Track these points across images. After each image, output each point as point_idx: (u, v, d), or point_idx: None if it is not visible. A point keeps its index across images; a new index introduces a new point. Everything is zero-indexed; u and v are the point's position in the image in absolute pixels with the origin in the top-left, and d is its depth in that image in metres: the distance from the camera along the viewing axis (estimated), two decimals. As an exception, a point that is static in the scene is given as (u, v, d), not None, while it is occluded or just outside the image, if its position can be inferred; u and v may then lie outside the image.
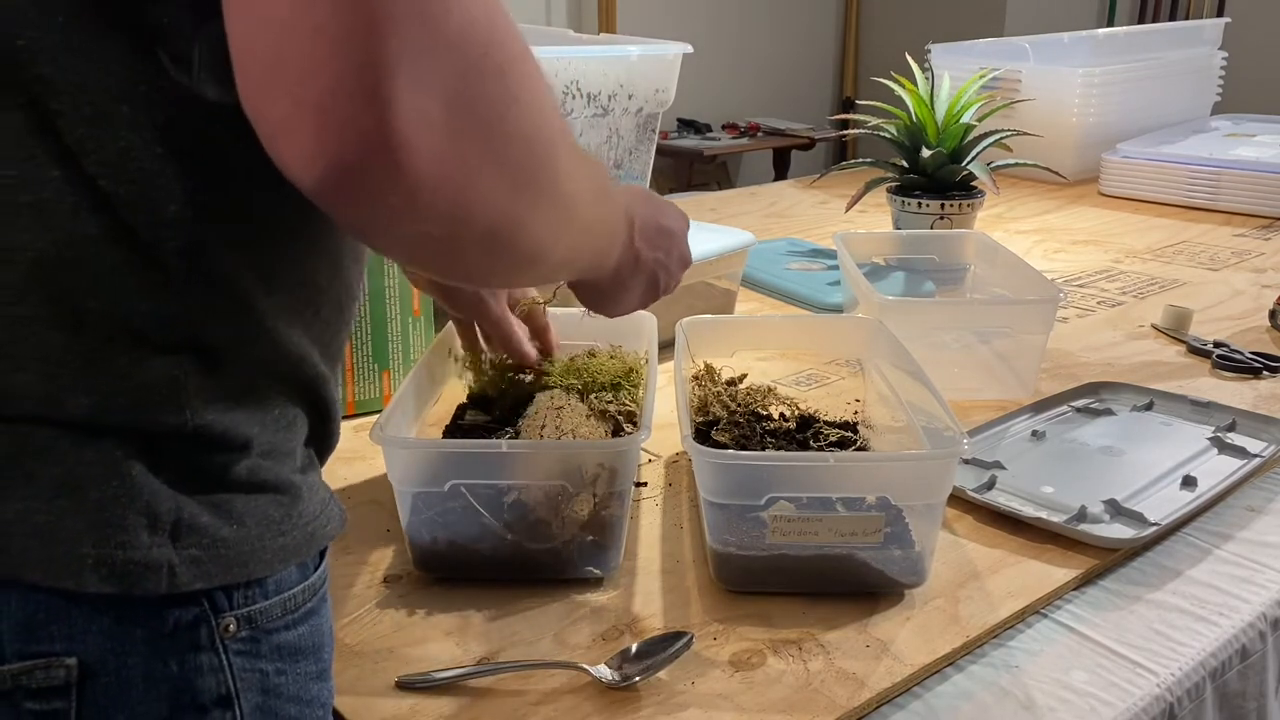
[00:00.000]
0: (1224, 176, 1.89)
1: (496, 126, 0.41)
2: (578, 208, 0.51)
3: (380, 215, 0.40)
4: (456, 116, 0.39)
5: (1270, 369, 1.15)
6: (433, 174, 0.39)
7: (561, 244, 0.51)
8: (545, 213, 0.47)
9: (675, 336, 0.94)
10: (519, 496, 0.73)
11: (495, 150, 0.41)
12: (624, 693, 0.64)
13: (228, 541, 0.47)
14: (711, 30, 4.60)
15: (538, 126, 0.44)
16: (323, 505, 0.53)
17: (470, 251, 0.45)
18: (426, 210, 0.40)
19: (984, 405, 1.05)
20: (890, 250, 1.34)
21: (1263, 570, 0.80)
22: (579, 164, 0.50)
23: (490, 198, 0.42)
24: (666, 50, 1.39)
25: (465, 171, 0.40)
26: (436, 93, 0.38)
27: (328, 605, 0.55)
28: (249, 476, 0.48)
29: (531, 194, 0.45)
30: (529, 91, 0.42)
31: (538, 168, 0.45)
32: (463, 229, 0.42)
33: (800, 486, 0.72)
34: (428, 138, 0.38)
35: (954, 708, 0.65)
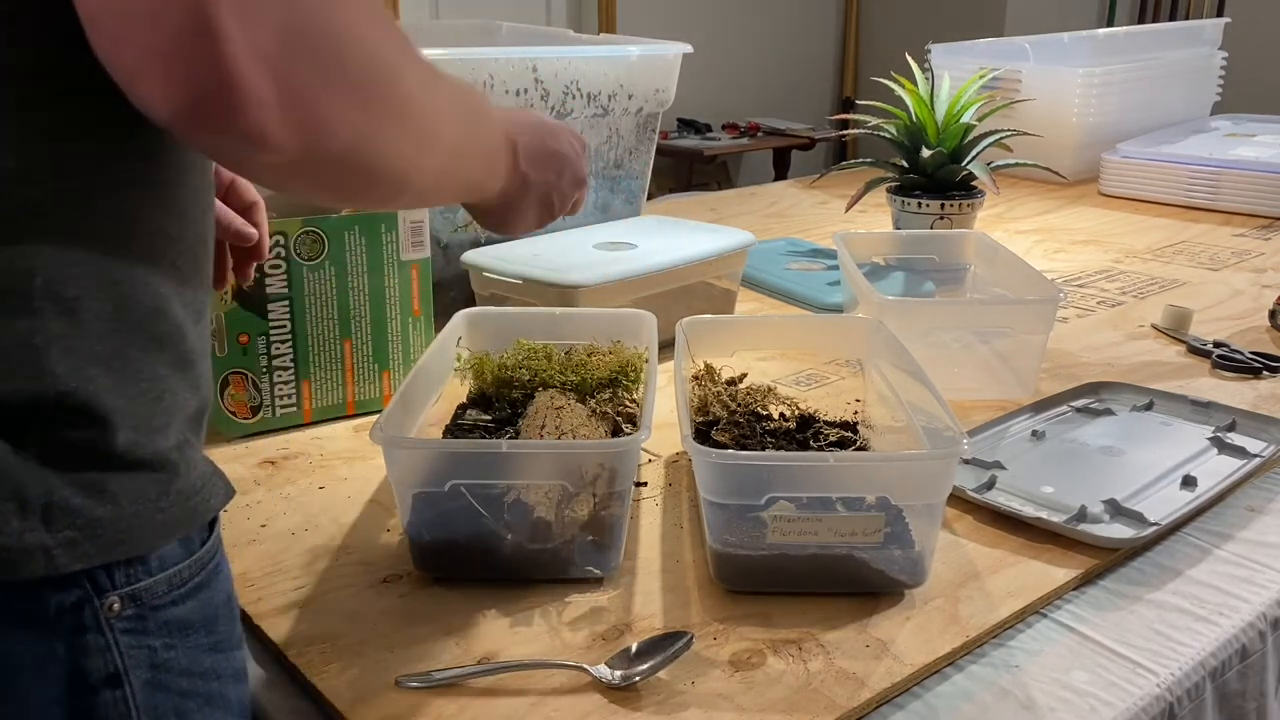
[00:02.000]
0: (1224, 176, 1.89)
1: (332, 51, 0.43)
2: (440, 128, 0.53)
3: (236, 144, 0.42)
4: (290, 44, 0.41)
5: (1270, 369, 1.15)
6: (274, 101, 0.41)
7: (429, 165, 0.53)
8: (402, 133, 0.49)
9: (675, 336, 0.94)
10: (519, 496, 0.73)
11: (335, 74, 0.44)
12: (624, 693, 0.64)
13: (103, 521, 0.46)
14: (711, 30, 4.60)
15: (377, 48, 0.46)
16: (204, 480, 0.52)
17: (332, 174, 0.47)
18: (277, 136, 0.42)
19: (984, 405, 1.05)
20: (890, 250, 1.34)
21: (1263, 570, 0.80)
22: (436, 85, 0.52)
23: (339, 120, 0.44)
24: (666, 50, 1.39)
25: (307, 96, 0.43)
26: (267, 24, 0.40)
27: (221, 577, 0.55)
28: (121, 453, 0.48)
29: (381, 114, 0.47)
30: (365, 18, 0.45)
31: (385, 89, 0.47)
32: (318, 152, 0.45)
33: (800, 486, 0.72)
34: (263, 67, 0.40)
35: (954, 708, 0.65)
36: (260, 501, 0.87)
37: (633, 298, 1.12)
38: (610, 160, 1.42)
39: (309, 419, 1.01)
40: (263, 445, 0.98)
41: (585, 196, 0.81)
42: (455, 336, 0.96)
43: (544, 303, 1.06)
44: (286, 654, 0.68)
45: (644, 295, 1.13)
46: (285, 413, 0.99)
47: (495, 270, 1.12)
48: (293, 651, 0.68)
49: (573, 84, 1.29)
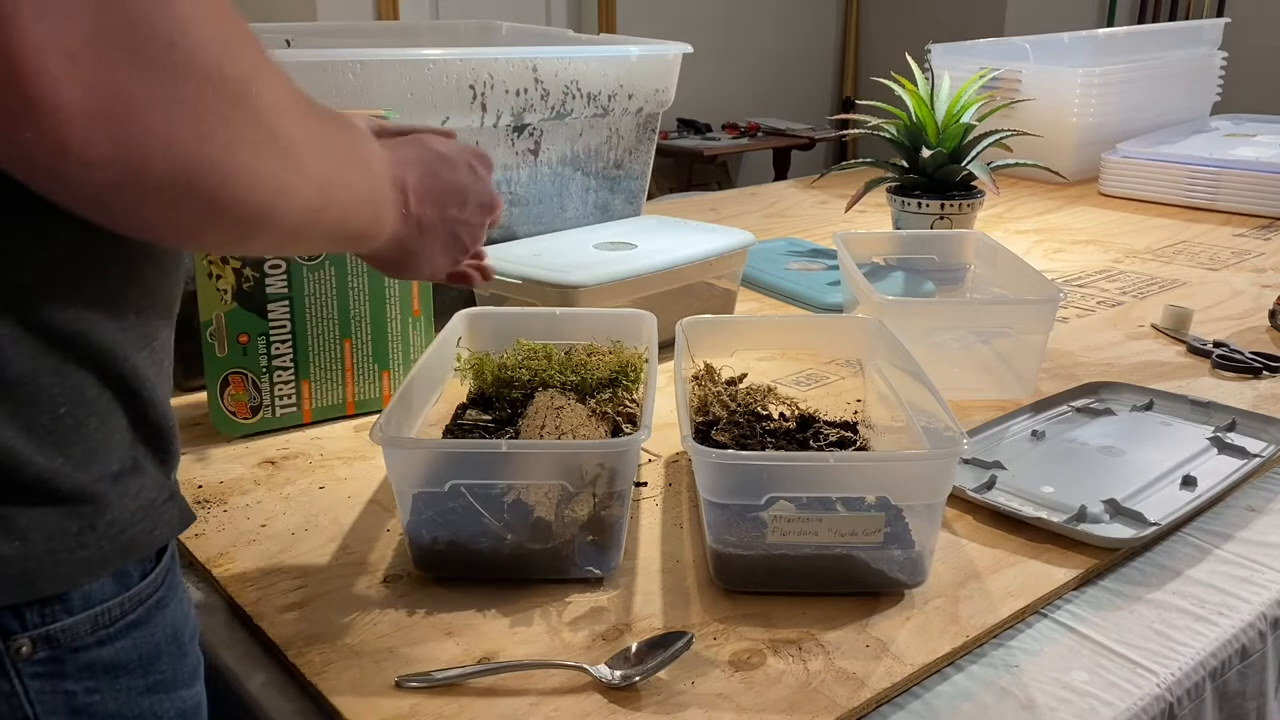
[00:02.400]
0: (1224, 176, 1.89)
1: (161, 54, 0.37)
2: (305, 158, 0.45)
3: (29, 157, 0.36)
4: (104, 41, 0.35)
5: (1270, 369, 1.15)
6: (79, 108, 0.35)
7: (292, 199, 0.45)
8: (255, 155, 0.42)
9: (675, 336, 0.94)
10: (519, 496, 0.73)
11: (161, 74, 0.37)
12: (624, 693, 0.64)
13: (8, 559, 0.42)
14: (711, 30, 4.60)
15: (221, 51, 0.39)
16: (146, 509, 0.48)
17: (163, 200, 0.39)
18: (83, 150, 0.36)
19: (984, 405, 1.05)
20: (890, 250, 1.34)
21: (1262, 570, 0.80)
22: (300, 107, 0.45)
23: (165, 137, 0.37)
24: (666, 50, 1.39)
25: (124, 104, 0.36)
26: (78, 18, 0.34)
27: (167, 612, 0.50)
28: (32, 486, 0.43)
29: (224, 127, 0.40)
30: (209, 19, 0.38)
31: (230, 98, 0.40)
32: (141, 169, 0.38)
33: (800, 486, 0.72)
34: (65, 65, 0.34)
35: (954, 708, 0.65)
36: (260, 501, 0.87)
37: (633, 298, 1.12)
38: (610, 160, 1.42)
39: (309, 419, 1.01)
40: (263, 445, 0.98)
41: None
42: (455, 336, 0.96)
43: (544, 303, 1.06)
44: (286, 654, 0.68)
45: (644, 295, 1.13)
46: (285, 413, 0.99)
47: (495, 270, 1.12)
48: (293, 651, 0.68)
49: (573, 84, 1.29)
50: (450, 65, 1.17)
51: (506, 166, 1.30)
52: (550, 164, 1.34)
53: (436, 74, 1.16)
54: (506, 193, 1.30)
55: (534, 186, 1.34)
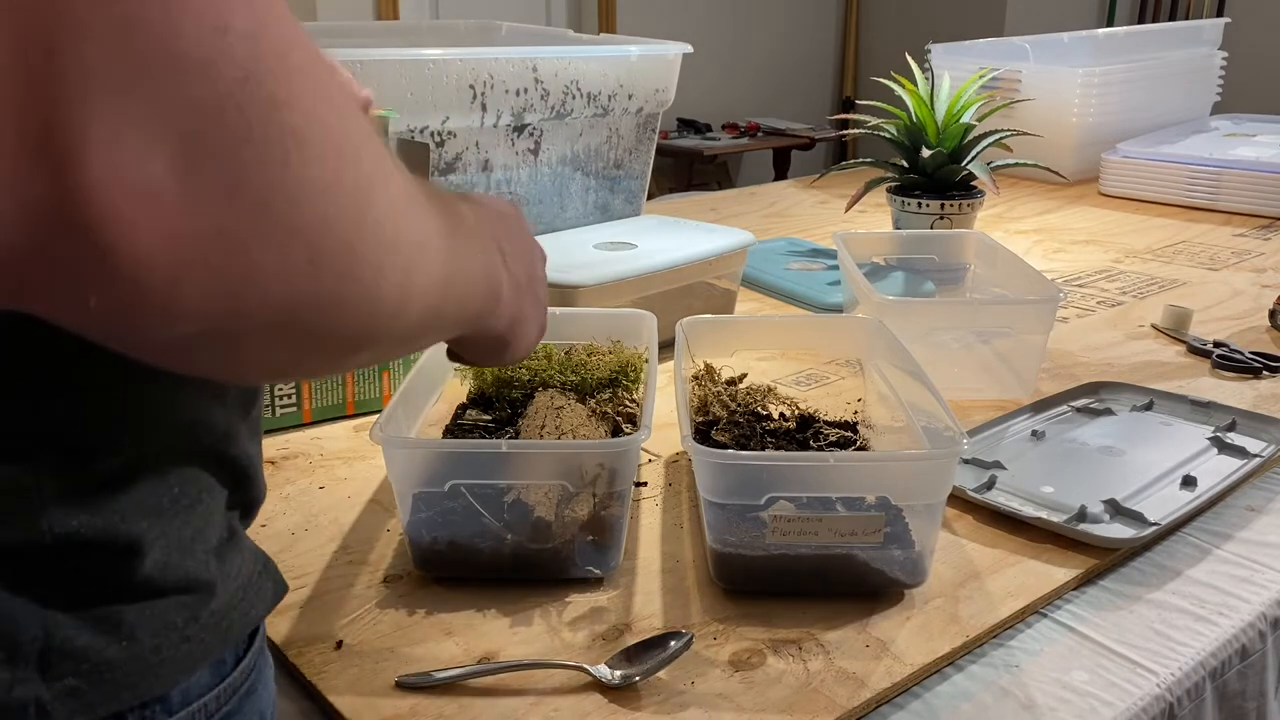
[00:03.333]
0: (1224, 176, 1.89)
1: (273, 176, 0.29)
2: (424, 263, 0.38)
3: (103, 318, 0.29)
4: (197, 168, 0.27)
5: (1270, 369, 1.15)
6: (169, 258, 0.28)
7: (409, 313, 0.38)
8: (372, 281, 0.34)
9: (675, 336, 0.94)
10: (519, 496, 0.73)
11: (274, 211, 0.29)
12: (624, 693, 0.64)
13: (114, 663, 0.38)
14: (711, 30, 4.60)
15: (342, 168, 0.32)
16: (244, 588, 0.44)
17: (256, 345, 0.33)
18: (166, 307, 0.29)
19: (984, 405, 1.05)
20: (890, 250, 1.34)
21: (1263, 570, 0.80)
22: (415, 207, 0.38)
23: (273, 279, 0.30)
24: (666, 50, 1.39)
25: (223, 248, 0.29)
26: (161, 141, 0.27)
27: (255, 698, 0.47)
28: (143, 580, 0.39)
29: (344, 261, 0.33)
30: (322, 123, 0.31)
31: (349, 225, 0.32)
32: (235, 322, 0.31)
33: (800, 486, 0.72)
34: (149, 210, 0.27)
35: (954, 708, 0.65)
36: (260, 501, 0.87)
37: (633, 298, 1.12)
38: (610, 160, 1.42)
39: (309, 419, 1.01)
40: (263, 445, 0.97)
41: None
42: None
43: (544, 303, 1.06)
44: (286, 654, 0.68)
45: (644, 295, 1.13)
46: (285, 413, 0.99)
47: None
48: (293, 651, 0.68)
49: (573, 84, 1.29)
50: (450, 65, 1.17)
51: (506, 166, 1.30)
52: (550, 164, 1.34)
53: (436, 74, 1.16)
54: (506, 193, 1.30)
55: (534, 186, 1.34)
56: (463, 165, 1.24)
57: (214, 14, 0.27)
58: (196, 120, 0.27)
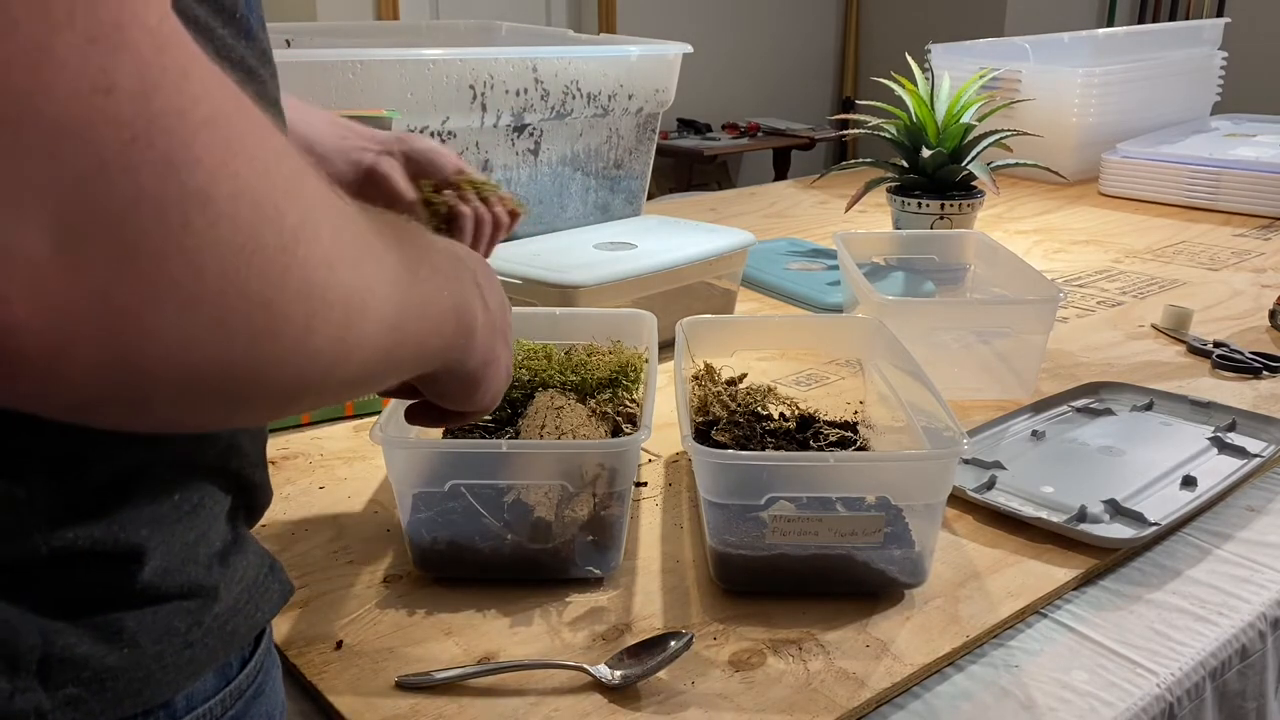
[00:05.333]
0: (1224, 176, 1.89)
1: (168, 247, 0.27)
2: (367, 311, 0.36)
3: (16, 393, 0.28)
4: (81, 244, 0.26)
5: (1270, 369, 1.15)
6: (47, 329, 0.26)
7: (352, 361, 0.36)
8: (300, 338, 0.32)
9: (675, 336, 0.94)
10: (519, 496, 0.73)
11: (171, 282, 0.27)
12: (624, 693, 0.64)
13: (115, 671, 0.38)
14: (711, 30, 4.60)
15: (260, 225, 0.29)
16: (249, 591, 0.44)
17: (170, 408, 0.31)
18: (60, 375, 0.27)
19: (984, 405, 1.05)
20: (890, 250, 1.34)
21: (1262, 570, 0.80)
22: (356, 251, 0.35)
23: (178, 346, 0.28)
24: (666, 50, 1.39)
25: (114, 320, 0.27)
26: (34, 210, 0.25)
27: (261, 700, 0.46)
28: (144, 588, 0.39)
29: (260, 323, 0.30)
30: (234, 179, 0.28)
31: (268, 285, 0.30)
32: (151, 386, 0.29)
33: (800, 486, 0.72)
34: (20, 283, 0.25)
35: (954, 708, 0.65)
36: (260, 501, 0.87)
37: (633, 298, 1.12)
38: (610, 160, 1.42)
39: (308, 419, 1.01)
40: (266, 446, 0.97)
41: None
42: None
43: (544, 303, 1.07)
44: (286, 654, 0.68)
45: (644, 295, 1.13)
46: (285, 413, 0.99)
47: (495, 270, 1.12)
48: (293, 651, 0.68)
49: (573, 84, 1.29)
50: (450, 65, 1.17)
51: (506, 166, 1.30)
52: (550, 164, 1.34)
53: (436, 74, 1.16)
54: (506, 193, 1.30)
55: (534, 186, 1.34)
56: (463, 165, 1.24)
57: (94, 75, 0.25)
58: (74, 187, 0.25)
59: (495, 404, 0.55)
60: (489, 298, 0.52)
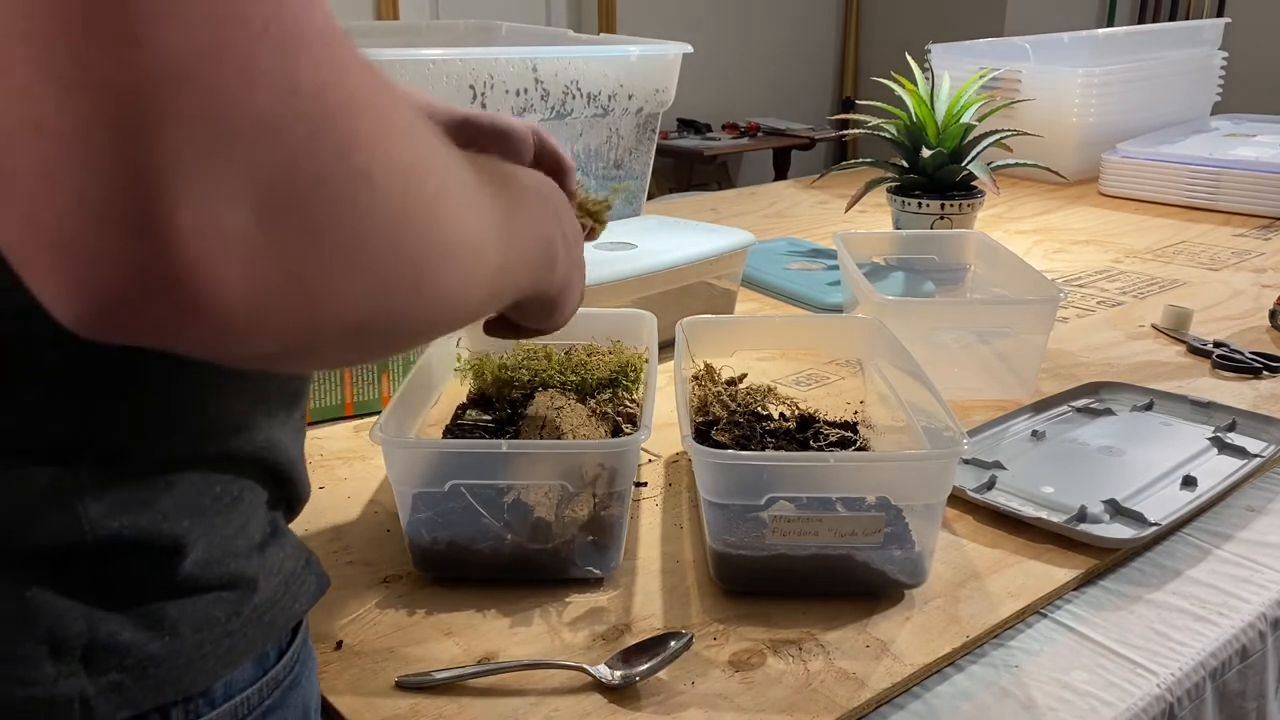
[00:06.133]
0: (1224, 176, 1.89)
1: (345, 216, 0.31)
2: (483, 256, 0.40)
3: (189, 346, 0.31)
4: (278, 223, 0.29)
5: (1270, 369, 1.15)
6: (252, 302, 0.29)
7: (469, 303, 0.41)
8: (436, 287, 0.37)
9: (675, 336, 0.94)
10: (519, 496, 0.73)
11: (345, 248, 0.31)
12: (624, 693, 0.64)
13: (157, 658, 0.39)
14: (711, 30, 4.60)
15: (408, 195, 0.33)
16: (287, 583, 0.45)
17: (331, 352, 0.36)
18: (255, 335, 0.31)
19: (984, 405, 1.05)
20: (890, 250, 1.34)
21: (1263, 570, 0.80)
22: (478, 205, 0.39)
23: (347, 303, 0.32)
24: (666, 50, 1.39)
25: (301, 286, 0.31)
26: (243, 198, 0.28)
27: (299, 690, 0.48)
28: (186, 578, 0.41)
29: (411, 278, 0.35)
30: (387, 158, 0.32)
31: (416, 246, 0.34)
32: (311, 339, 0.33)
33: (800, 486, 0.72)
34: (234, 260, 0.28)
35: (954, 708, 0.65)
36: (260, 501, 0.87)
37: (633, 298, 1.12)
38: (610, 160, 1.42)
39: (308, 420, 1.01)
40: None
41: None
42: (455, 336, 0.96)
43: (544, 303, 1.06)
44: (286, 654, 0.68)
45: (644, 295, 1.13)
46: (285, 413, 0.99)
47: None
48: (293, 651, 0.68)
49: (573, 84, 1.29)
50: (450, 65, 1.17)
51: (506, 166, 1.29)
52: (550, 164, 1.34)
53: (436, 74, 1.16)
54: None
55: (534, 186, 1.33)
56: (463, 165, 1.24)
57: (284, 77, 0.29)
58: (273, 176, 0.29)
59: (566, 323, 0.63)
60: (567, 230, 0.57)
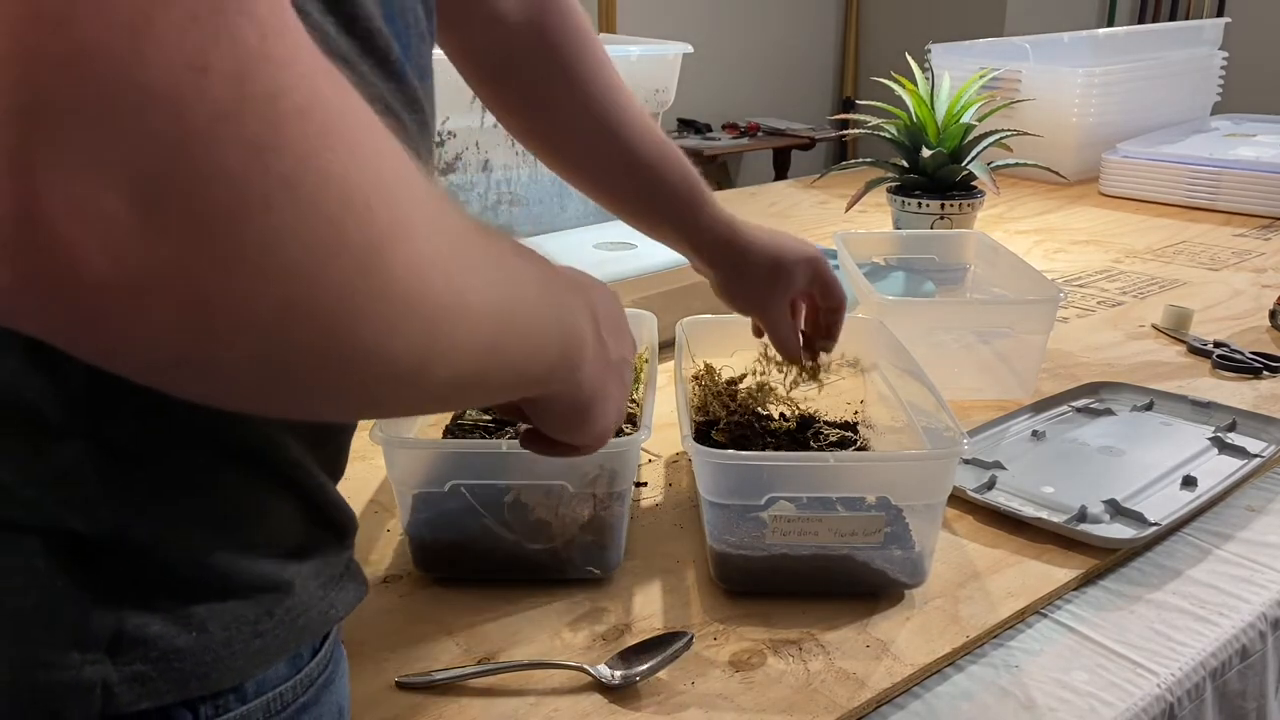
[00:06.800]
0: (1224, 176, 1.89)
1: (246, 224, 0.28)
2: (457, 324, 0.36)
3: (73, 338, 0.29)
4: (159, 207, 0.27)
5: (1270, 369, 1.15)
6: (125, 284, 0.27)
7: (437, 374, 0.36)
8: (379, 338, 0.32)
9: (675, 336, 0.94)
10: (519, 496, 0.73)
11: (241, 255, 0.28)
12: (624, 693, 0.64)
13: (183, 652, 0.39)
14: (711, 30, 4.60)
15: (346, 217, 0.30)
16: (325, 588, 0.45)
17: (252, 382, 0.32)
18: (133, 329, 0.28)
19: (984, 405, 1.05)
20: (890, 250, 1.34)
21: (1263, 570, 0.80)
22: (456, 264, 0.35)
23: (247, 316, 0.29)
24: (666, 50, 1.39)
25: (188, 283, 0.28)
26: (119, 172, 0.26)
27: (333, 689, 0.48)
28: (213, 579, 0.40)
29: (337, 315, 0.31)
30: (323, 173, 0.29)
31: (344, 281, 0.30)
32: (219, 351, 0.30)
33: (800, 486, 0.72)
34: (105, 237, 0.26)
35: (954, 708, 0.65)
36: (260, 501, 0.87)
37: (633, 298, 1.11)
38: (610, 160, 1.41)
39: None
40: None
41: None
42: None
43: (544, 303, 1.06)
44: (286, 654, 0.67)
45: (644, 295, 1.13)
46: (285, 413, 0.99)
47: None
48: (293, 651, 0.68)
49: (573, 84, 1.29)
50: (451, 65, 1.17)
51: (506, 166, 1.30)
52: (550, 164, 1.34)
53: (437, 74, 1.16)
54: (506, 192, 1.30)
55: (534, 187, 1.34)
56: (463, 165, 1.24)
57: (190, 52, 0.26)
58: (158, 154, 0.26)
59: (605, 441, 0.55)
60: (605, 332, 0.51)
